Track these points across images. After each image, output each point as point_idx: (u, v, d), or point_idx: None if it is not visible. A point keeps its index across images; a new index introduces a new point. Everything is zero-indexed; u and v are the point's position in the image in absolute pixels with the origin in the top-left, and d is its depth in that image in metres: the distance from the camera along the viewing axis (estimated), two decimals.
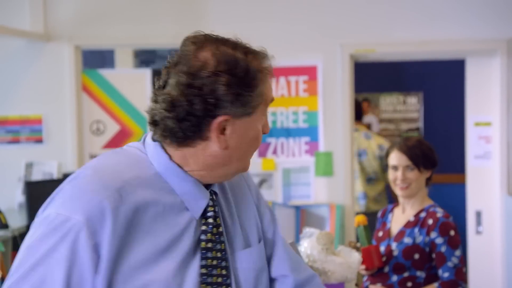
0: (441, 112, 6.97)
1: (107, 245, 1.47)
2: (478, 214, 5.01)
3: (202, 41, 1.61)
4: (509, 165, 4.78)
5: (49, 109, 4.96)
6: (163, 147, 1.65)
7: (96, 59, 5.74)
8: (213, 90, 1.57)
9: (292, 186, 4.97)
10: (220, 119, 1.59)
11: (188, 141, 1.63)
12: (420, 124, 7.02)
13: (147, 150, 1.67)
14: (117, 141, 4.98)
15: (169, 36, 4.92)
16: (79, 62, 5.00)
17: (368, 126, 6.55)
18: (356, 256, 2.95)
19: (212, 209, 1.64)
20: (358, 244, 3.45)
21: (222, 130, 1.61)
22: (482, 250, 5.00)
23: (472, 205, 5.07)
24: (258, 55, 1.65)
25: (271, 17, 4.92)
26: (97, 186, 1.54)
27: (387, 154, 3.49)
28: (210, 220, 1.63)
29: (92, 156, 4.89)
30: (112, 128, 5.03)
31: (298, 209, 4.88)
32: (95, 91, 5.00)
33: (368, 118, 6.80)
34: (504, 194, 4.82)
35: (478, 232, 4.99)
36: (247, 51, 1.63)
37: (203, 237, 1.61)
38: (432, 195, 5.62)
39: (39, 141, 4.93)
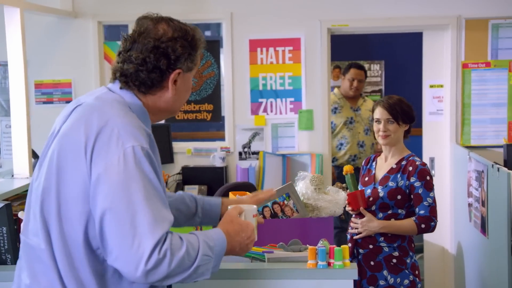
0: (398, 76, 7.72)
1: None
2: (432, 160, 5.67)
3: (157, 18, 2.10)
4: (457, 120, 5.50)
5: (77, 75, 5.64)
6: (134, 95, 2.08)
7: (113, 33, 6.31)
8: (174, 49, 2.05)
9: (280, 138, 5.63)
10: (176, 71, 2.07)
11: (153, 89, 2.07)
12: (382, 87, 7.80)
13: (124, 98, 2.07)
14: None
15: (176, 14, 5.61)
16: (101, 35, 5.65)
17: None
18: (343, 195, 3.27)
19: None
20: (344, 185, 3.90)
21: (175, 82, 2.09)
22: (435, 188, 5.70)
23: (427, 153, 5.72)
24: (196, 30, 2.14)
25: None
26: (138, 125, 1.98)
27: (373, 110, 3.84)
28: None
29: None
30: None
31: (284, 157, 5.53)
32: (114, 59, 5.73)
33: (340, 81, 7.53)
34: (452, 144, 5.50)
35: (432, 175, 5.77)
36: (190, 26, 2.13)
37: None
38: None
39: (69, 101, 5.56)
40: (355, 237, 3.79)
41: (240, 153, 5.69)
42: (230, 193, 3.27)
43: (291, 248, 2.73)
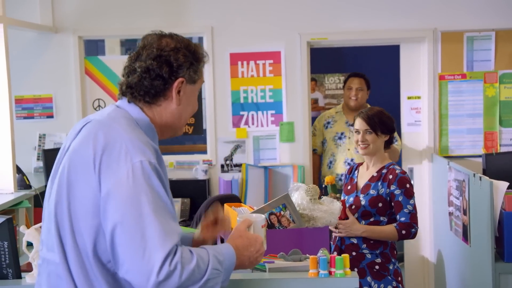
0: (374, 88, 7.80)
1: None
2: (411, 170, 5.75)
3: (161, 33, 2.17)
4: (435, 130, 5.60)
5: (58, 90, 5.63)
6: (142, 110, 2.13)
7: (93, 47, 6.30)
8: (176, 58, 2.11)
9: (261, 150, 5.68)
10: (179, 80, 2.12)
11: (156, 98, 2.11)
12: None
13: (131, 113, 2.13)
14: None
15: (157, 29, 5.61)
16: (82, 50, 5.65)
17: (316, 101, 7.40)
18: (338, 204, 3.35)
19: None
20: (338, 195, 4.00)
21: (178, 92, 2.14)
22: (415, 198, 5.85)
23: (406, 163, 5.81)
24: (200, 45, 2.21)
25: (242, 13, 5.60)
26: (145, 141, 2.03)
27: (354, 121, 3.94)
28: None
29: None
30: None
31: (266, 169, 5.57)
32: (95, 74, 5.67)
33: (315, 94, 7.52)
34: (431, 154, 5.59)
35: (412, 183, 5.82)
36: (194, 42, 2.20)
37: None
38: None
39: (50, 116, 5.65)
40: (334, 234, 3.85)
41: (222, 166, 5.72)
42: (225, 204, 3.29)
43: (291, 258, 2.76)
